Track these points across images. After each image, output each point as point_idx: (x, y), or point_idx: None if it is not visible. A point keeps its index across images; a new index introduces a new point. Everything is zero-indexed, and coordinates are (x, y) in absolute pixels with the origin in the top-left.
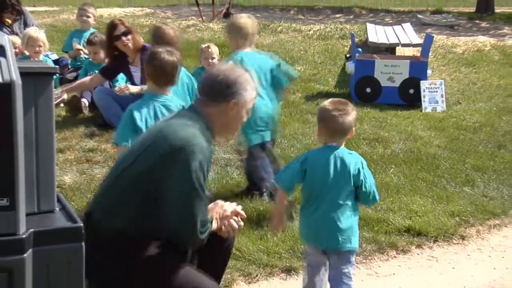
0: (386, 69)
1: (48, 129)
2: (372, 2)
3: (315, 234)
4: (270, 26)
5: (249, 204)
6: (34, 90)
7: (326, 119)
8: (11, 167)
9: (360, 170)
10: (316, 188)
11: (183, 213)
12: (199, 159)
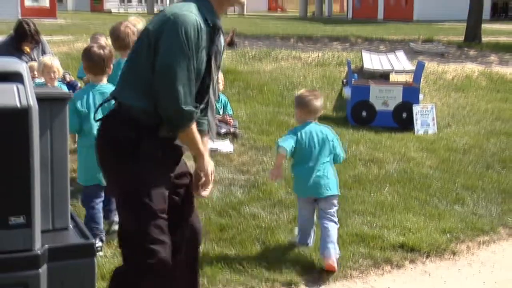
0: (380, 94)
1: (63, 150)
2: (368, 32)
3: (310, 186)
4: (271, 53)
5: (251, 221)
6: (49, 114)
7: (305, 103)
8: (27, 186)
9: (334, 138)
10: (306, 152)
11: (165, 77)
12: (185, 29)
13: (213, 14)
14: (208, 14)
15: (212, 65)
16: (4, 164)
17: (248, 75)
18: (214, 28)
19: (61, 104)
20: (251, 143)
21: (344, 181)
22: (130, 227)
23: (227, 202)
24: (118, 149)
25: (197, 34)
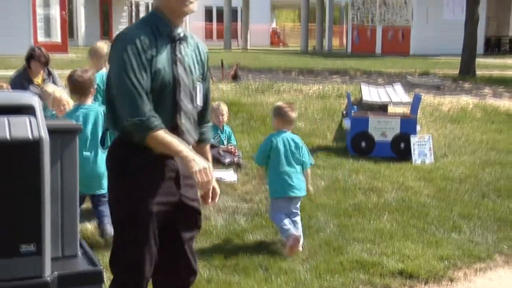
0: (379, 125)
1: (72, 180)
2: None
3: (285, 187)
4: (274, 86)
5: (254, 248)
6: (60, 146)
7: (282, 114)
8: (38, 215)
9: (303, 146)
10: (280, 158)
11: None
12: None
13: (167, 25)
14: (162, 26)
15: (175, 71)
16: (16, 194)
17: (251, 107)
18: (170, 37)
19: (71, 136)
20: (254, 173)
21: (344, 209)
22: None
23: (231, 230)
24: (113, 170)
25: (135, 47)
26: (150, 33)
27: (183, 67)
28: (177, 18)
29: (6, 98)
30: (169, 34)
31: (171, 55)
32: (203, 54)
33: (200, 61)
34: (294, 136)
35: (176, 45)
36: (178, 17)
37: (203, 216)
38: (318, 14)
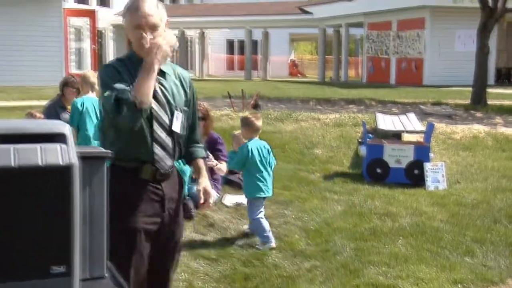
0: (393, 152)
1: (101, 204)
2: (381, 95)
3: (262, 189)
4: (292, 115)
5: (274, 271)
6: (89, 172)
7: (250, 124)
8: (68, 238)
9: (270, 150)
10: (255, 162)
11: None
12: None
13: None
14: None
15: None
16: (48, 217)
17: (271, 135)
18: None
19: (100, 163)
20: (273, 198)
21: (360, 233)
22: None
23: (251, 253)
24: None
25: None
26: (124, 69)
27: (157, 100)
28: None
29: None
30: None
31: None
32: (185, 82)
33: (182, 89)
34: (264, 143)
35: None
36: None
37: (225, 239)
38: (334, 46)
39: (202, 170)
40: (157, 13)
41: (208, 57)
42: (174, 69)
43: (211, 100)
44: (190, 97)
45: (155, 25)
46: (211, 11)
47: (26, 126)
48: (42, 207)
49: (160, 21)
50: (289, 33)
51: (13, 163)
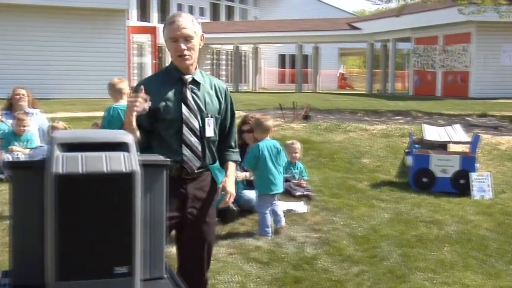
0: (440, 162)
1: (161, 209)
2: (428, 107)
3: (271, 185)
4: (341, 126)
5: (323, 275)
6: (150, 178)
7: (261, 124)
8: (130, 240)
9: (282, 150)
10: (266, 161)
11: None
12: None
13: (176, 73)
14: (173, 74)
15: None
16: (112, 221)
17: (321, 145)
18: (179, 83)
19: (160, 170)
20: (323, 205)
21: (407, 240)
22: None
23: (301, 257)
24: None
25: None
26: (160, 80)
27: (188, 106)
28: (183, 69)
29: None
30: (178, 80)
31: (178, 96)
32: (219, 91)
33: (216, 98)
34: (275, 142)
35: (184, 89)
36: (182, 68)
37: (277, 244)
38: (382, 60)
39: (228, 172)
40: (191, 27)
41: (261, 71)
42: (211, 79)
43: (264, 112)
44: (224, 106)
45: (189, 37)
46: (264, 28)
47: (92, 136)
48: (106, 211)
49: (195, 34)
50: (338, 47)
51: (81, 170)
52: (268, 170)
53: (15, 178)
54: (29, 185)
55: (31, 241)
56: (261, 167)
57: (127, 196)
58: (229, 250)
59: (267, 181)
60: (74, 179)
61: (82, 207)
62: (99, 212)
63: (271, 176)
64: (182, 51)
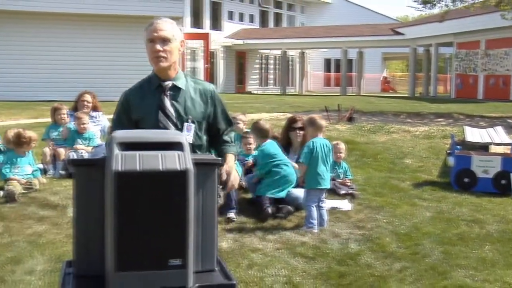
0: (481, 163)
1: (212, 205)
2: (469, 109)
3: (320, 180)
4: (384, 127)
5: (366, 270)
6: (202, 176)
7: (314, 123)
8: (184, 234)
9: (331, 149)
10: (317, 158)
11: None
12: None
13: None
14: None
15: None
16: (166, 216)
17: (364, 145)
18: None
19: (212, 168)
20: (366, 203)
21: (448, 238)
22: None
23: (345, 253)
24: None
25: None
26: (142, 89)
27: (165, 114)
28: (162, 74)
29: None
30: (157, 87)
31: (157, 104)
32: (204, 95)
33: (201, 102)
34: (327, 141)
35: (162, 95)
36: (161, 73)
37: (322, 240)
38: (424, 64)
39: (227, 160)
40: (170, 30)
41: (307, 75)
42: (196, 83)
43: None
44: (212, 109)
45: (166, 39)
46: (310, 33)
47: (149, 136)
48: (162, 207)
49: (173, 37)
50: (382, 52)
51: (138, 168)
52: (319, 166)
53: (78, 174)
54: (91, 182)
55: (93, 234)
56: (312, 163)
57: (181, 192)
58: (276, 245)
59: (317, 176)
60: (132, 176)
61: (139, 202)
62: (155, 207)
63: (321, 172)
64: (157, 52)
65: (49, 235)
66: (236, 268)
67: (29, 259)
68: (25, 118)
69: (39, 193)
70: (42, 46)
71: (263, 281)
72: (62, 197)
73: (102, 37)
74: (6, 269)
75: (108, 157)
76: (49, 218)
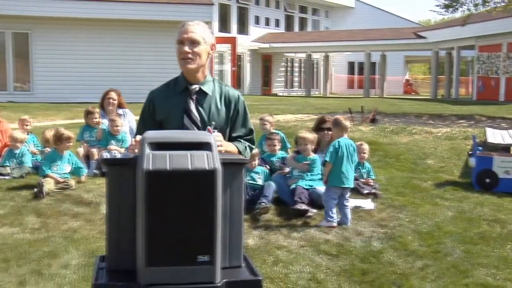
0: (502, 164)
1: (239, 204)
2: (491, 111)
3: (343, 179)
4: (406, 129)
5: (388, 268)
6: (229, 175)
7: (339, 124)
8: (212, 232)
9: (356, 149)
10: (343, 157)
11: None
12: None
13: (183, 83)
14: (179, 84)
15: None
16: (195, 214)
17: (387, 146)
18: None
19: (239, 168)
20: (389, 202)
21: (470, 237)
22: None
23: (368, 251)
24: None
25: (147, 103)
26: (168, 91)
27: (190, 117)
28: (190, 77)
29: (190, 137)
30: (184, 90)
31: (182, 107)
32: (229, 101)
33: (225, 108)
34: (352, 142)
35: (188, 99)
36: (189, 76)
37: (345, 238)
38: (446, 67)
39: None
40: (200, 33)
41: (331, 77)
42: (222, 89)
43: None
44: (235, 114)
45: (195, 41)
46: (334, 37)
47: (178, 136)
48: (190, 205)
49: (203, 40)
50: (404, 55)
51: (168, 167)
52: (343, 165)
53: (111, 173)
54: (123, 180)
55: (124, 230)
56: (337, 162)
57: (209, 191)
58: (300, 243)
59: (340, 175)
60: (162, 175)
61: (169, 200)
62: (184, 205)
63: (344, 171)
64: (185, 53)
65: (83, 231)
66: (261, 265)
67: (65, 254)
68: (61, 119)
69: (73, 190)
70: (76, 51)
71: (288, 278)
72: (95, 195)
73: (133, 42)
74: (43, 262)
75: (139, 156)
76: (83, 214)
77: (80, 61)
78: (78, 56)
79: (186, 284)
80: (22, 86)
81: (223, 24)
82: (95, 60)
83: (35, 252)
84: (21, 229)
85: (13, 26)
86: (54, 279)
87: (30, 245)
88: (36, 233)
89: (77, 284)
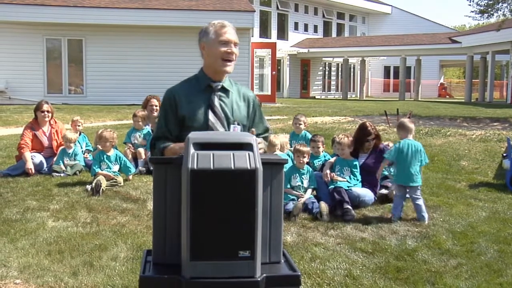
0: None
1: (279, 202)
2: None
3: (405, 177)
4: (441, 131)
5: (423, 266)
6: (270, 175)
7: (405, 126)
8: (252, 228)
9: (422, 149)
10: (406, 157)
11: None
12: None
13: (206, 80)
14: (202, 81)
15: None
16: (237, 211)
17: None
18: (208, 90)
19: (279, 167)
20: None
21: (503, 237)
22: None
23: (403, 249)
24: None
25: (168, 100)
26: (190, 87)
27: (215, 114)
28: (216, 75)
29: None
30: (207, 87)
31: (206, 104)
32: (246, 99)
33: (244, 106)
34: (416, 143)
35: (212, 96)
36: (217, 74)
37: (380, 236)
38: (481, 71)
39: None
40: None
41: (367, 81)
42: (239, 88)
43: (370, 117)
44: (252, 114)
45: (237, 44)
46: (371, 42)
47: (222, 137)
48: (232, 202)
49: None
50: (439, 59)
51: (211, 166)
52: (404, 165)
53: (158, 171)
54: (169, 178)
55: (170, 226)
56: (401, 161)
57: (250, 189)
58: (337, 240)
59: (402, 174)
60: (206, 174)
61: (212, 198)
62: (226, 202)
63: (406, 170)
64: (232, 54)
65: (131, 225)
66: (299, 261)
67: (114, 247)
68: (111, 120)
69: (122, 187)
70: (126, 56)
71: (324, 273)
72: (142, 192)
73: (177, 47)
74: (94, 255)
75: (184, 156)
76: (131, 210)
77: (129, 66)
78: (127, 61)
79: (227, 278)
80: (76, 89)
81: (264, 30)
82: (143, 65)
83: (86, 245)
84: (74, 223)
85: (68, 33)
86: (104, 270)
87: (82, 238)
88: (87, 227)
89: (125, 275)
